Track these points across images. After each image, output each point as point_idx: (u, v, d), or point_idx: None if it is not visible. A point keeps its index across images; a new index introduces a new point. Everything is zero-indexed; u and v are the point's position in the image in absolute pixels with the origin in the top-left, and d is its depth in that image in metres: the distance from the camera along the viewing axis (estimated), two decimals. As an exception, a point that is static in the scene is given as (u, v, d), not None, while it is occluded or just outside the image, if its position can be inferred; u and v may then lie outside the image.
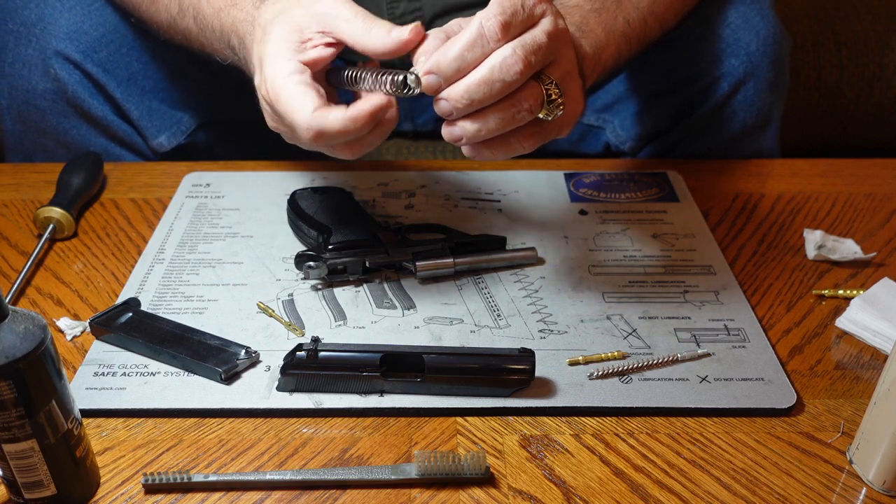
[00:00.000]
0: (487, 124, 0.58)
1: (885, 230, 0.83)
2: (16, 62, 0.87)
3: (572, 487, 0.57)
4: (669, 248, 0.80)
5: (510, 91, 0.57)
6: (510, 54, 0.56)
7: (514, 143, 0.61)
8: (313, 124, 0.60)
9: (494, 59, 0.56)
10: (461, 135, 0.59)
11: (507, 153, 0.61)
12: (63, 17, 0.87)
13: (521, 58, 0.56)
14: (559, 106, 0.60)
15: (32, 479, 0.52)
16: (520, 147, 0.61)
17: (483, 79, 0.56)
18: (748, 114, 0.93)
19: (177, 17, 0.78)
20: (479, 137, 0.59)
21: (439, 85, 0.58)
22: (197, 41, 0.78)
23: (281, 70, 0.62)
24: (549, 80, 0.59)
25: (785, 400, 0.63)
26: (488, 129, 0.58)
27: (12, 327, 0.49)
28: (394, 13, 0.98)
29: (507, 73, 0.56)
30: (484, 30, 0.56)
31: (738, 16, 0.91)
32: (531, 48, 0.57)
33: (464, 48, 0.56)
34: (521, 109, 0.58)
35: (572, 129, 0.65)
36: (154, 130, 0.93)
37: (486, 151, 0.61)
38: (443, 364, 0.62)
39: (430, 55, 0.58)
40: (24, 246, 0.80)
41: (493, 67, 0.56)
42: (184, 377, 0.64)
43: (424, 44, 0.59)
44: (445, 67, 0.57)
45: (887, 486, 0.57)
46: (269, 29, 0.64)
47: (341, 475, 0.57)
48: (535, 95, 0.58)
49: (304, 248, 0.78)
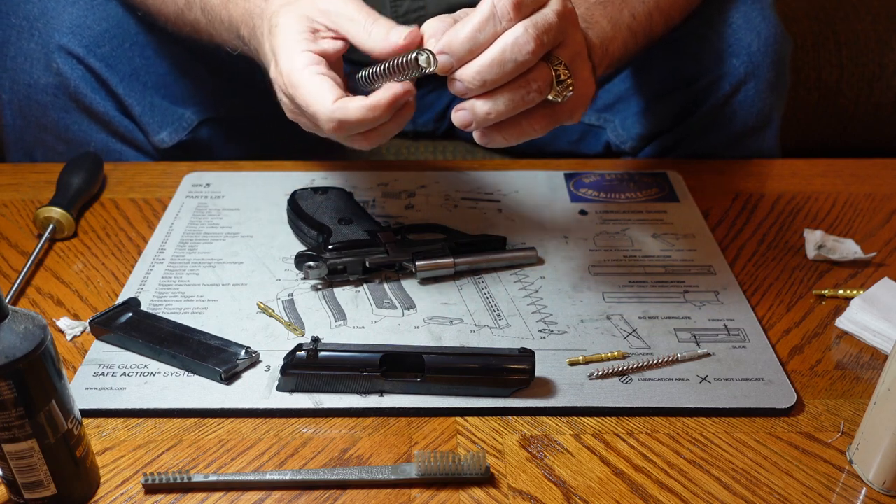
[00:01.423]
0: (497, 106, 0.58)
1: (885, 230, 0.83)
2: (18, 56, 0.87)
3: (572, 487, 0.57)
4: (669, 248, 0.80)
5: (522, 71, 0.57)
6: (522, 34, 0.56)
7: (526, 125, 0.60)
8: (335, 115, 0.60)
9: (507, 38, 0.56)
10: (471, 119, 0.59)
11: (518, 137, 0.61)
12: (66, 11, 0.87)
13: (534, 37, 0.56)
14: (569, 87, 0.59)
15: (32, 479, 0.52)
16: (531, 130, 0.61)
17: (495, 59, 0.56)
18: (749, 114, 0.93)
19: (184, 9, 0.78)
20: (489, 120, 0.59)
21: (451, 65, 0.58)
22: (206, 32, 0.78)
23: (297, 62, 0.62)
24: (557, 60, 0.59)
25: (785, 400, 0.63)
26: (498, 112, 0.58)
27: (12, 327, 0.49)
28: (397, 11, 0.98)
29: (519, 52, 0.56)
30: (496, 9, 0.56)
31: (739, 16, 0.91)
32: (543, 27, 0.56)
33: (476, 28, 0.56)
34: (531, 90, 0.58)
35: (585, 112, 0.65)
36: (156, 126, 0.93)
37: (497, 136, 0.61)
38: (443, 364, 0.62)
39: (439, 37, 0.58)
40: (24, 246, 0.80)
41: (504, 48, 0.56)
42: (184, 377, 0.64)
43: (433, 27, 0.59)
44: (458, 48, 0.57)
45: (887, 486, 0.57)
46: (277, 21, 0.64)
47: (341, 475, 0.57)
48: (544, 76, 0.58)
49: (304, 248, 0.78)
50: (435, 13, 0.95)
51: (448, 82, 0.59)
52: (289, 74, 0.62)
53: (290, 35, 0.63)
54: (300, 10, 0.64)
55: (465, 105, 0.59)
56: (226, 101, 0.99)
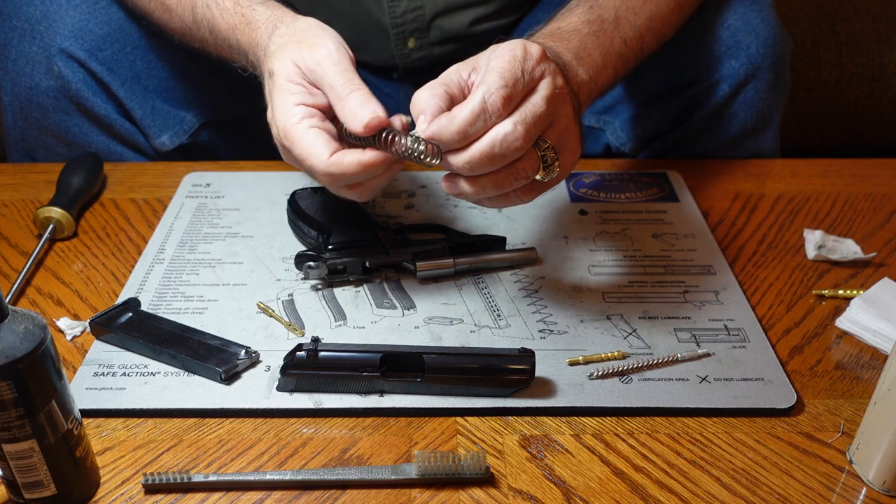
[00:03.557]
0: (485, 189, 0.60)
1: (885, 230, 0.83)
2: (19, 59, 0.87)
3: (572, 487, 0.57)
4: (669, 248, 0.80)
5: (510, 161, 0.59)
6: (511, 130, 0.57)
7: (514, 198, 0.63)
8: (330, 170, 0.61)
9: (496, 133, 0.57)
10: (459, 193, 0.61)
11: (506, 205, 0.64)
12: (68, 14, 0.87)
13: (522, 134, 0.57)
14: (555, 169, 0.61)
15: (32, 479, 0.52)
16: (518, 201, 0.63)
17: (484, 154, 0.57)
18: (749, 115, 0.93)
19: (192, 28, 0.78)
20: (476, 197, 0.61)
21: (439, 153, 0.59)
22: (214, 50, 0.78)
23: (292, 117, 0.63)
24: (545, 144, 0.60)
25: (785, 400, 0.63)
26: (486, 192, 0.60)
27: (12, 327, 0.49)
28: (394, 12, 0.98)
29: (507, 148, 0.57)
30: (487, 105, 0.57)
31: (738, 18, 0.91)
32: (532, 121, 0.58)
33: (467, 123, 0.57)
34: (518, 177, 0.60)
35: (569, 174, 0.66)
36: (157, 130, 0.93)
37: (486, 203, 0.63)
38: (443, 364, 0.62)
39: (428, 116, 0.58)
40: (24, 246, 0.80)
41: (494, 143, 0.57)
42: (184, 377, 0.64)
43: (423, 102, 0.59)
44: (447, 139, 0.58)
45: (887, 486, 0.57)
46: (272, 67, 0.65)
47: (341, 475, 0.57)
48: (531, 163, 0.60)
49: (304, 248, 0.78)
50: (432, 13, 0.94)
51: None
52: (284, 129, 0.63)
53: (285, 86, 0.64)
54: (294, 57, 0.64)
55: (454, 179, 0.61)
56: (227, 105, 0.99)
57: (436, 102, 0.58)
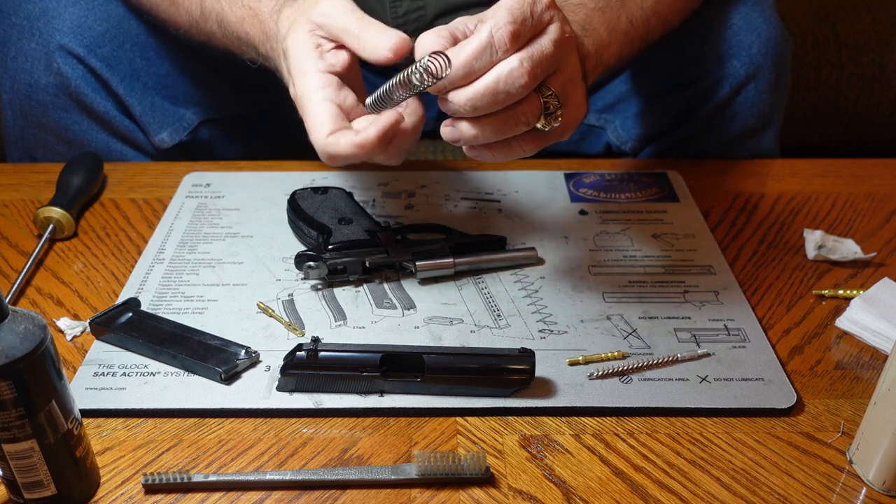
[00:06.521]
0: (484, 132, 0.59)
1: (885, 230, 0.83)
2: (18, 56, 0.87)
3: (572, 487, 0.57)
4: (669, 248, 0.80)
5: (513, 101, 0.58)
6: (517, 66, 0.56)
7: (515, 146, 0.61)
8: (327, 149, 0.62)
9: (501, 69, 0.56)
10: (459, 137, 0.60)
11: (507, 156, 0.62)
12: (67, 11, 0.87)
13: (528, 70, 0.56)
14: (557, 118, 0.60)
15: (32, 479, 0.52)
16: (520, 150, 0.62)
17: (488, 89, 0.56)
18: (749, 115, 0.93)
19: (199, 21, 0.78)
20: (476, 142, 0.60)
21: (444, 87, 0.58)
22: (221, 43, 0.79)
23: (310, 84, 0.63)
24: (549, 91, 0.59)
25: (785, 400, 0.63)
26: (485, 136, 0.59)
27: (12, 327, 0.49)
28: (396, 12, 0.98)
29: (511, 85, 0.56)
30: (493, 39, 0.56)
31: (739, 17, 0.91)
32: (538, 60, 0.57)
33: (472, 56, 0.56)
34: (519, 122, 0.59)
35: (574, 131, 0.65)
36: (156, 127, 0.93)
37: (486, 153, 0.62)
38: (443, 364, 0.62)
39: None
40: (24, 246, 0.80)
41: (498, 79, 0.56)
42: (184, 377, 0.64)
43: (428, 43, 0.59)
44: (452, 74, 0.57)
45: (887, 486, 0.57)
46: (287, 45, 0.65)
47: (341, 475, 0.57)
48: (533, 108, 0.59)
49: (304, 248, 0.78)
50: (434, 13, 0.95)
51: (439, 100, 0.59)
52: (300, 98, 0.64)
53: (301, 56, 0.64)
54: (303, 27, 0.65)
55: (454, 123, 0.60)
56: (226, 102, 0.99)
57: (441, 43, 0.58)
